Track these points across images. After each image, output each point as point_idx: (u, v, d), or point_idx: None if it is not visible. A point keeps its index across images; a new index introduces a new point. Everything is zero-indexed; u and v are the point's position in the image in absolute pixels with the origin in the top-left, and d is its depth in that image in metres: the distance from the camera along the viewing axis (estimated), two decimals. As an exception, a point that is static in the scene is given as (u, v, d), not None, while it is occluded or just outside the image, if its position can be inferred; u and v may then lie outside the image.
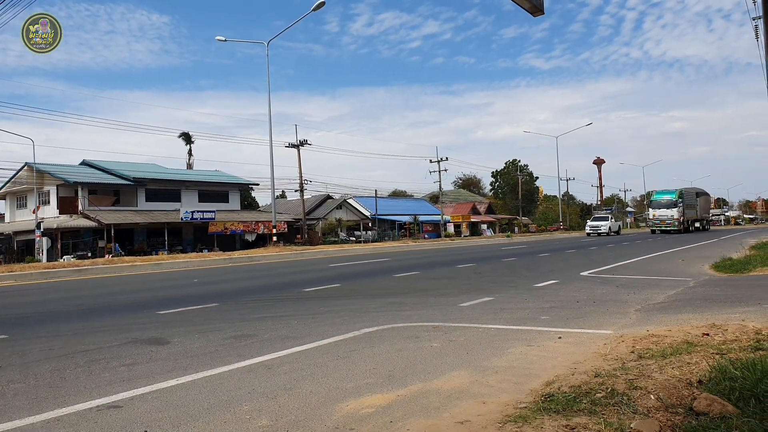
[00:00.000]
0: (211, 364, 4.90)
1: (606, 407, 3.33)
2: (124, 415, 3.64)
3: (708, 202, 59.15)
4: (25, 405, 3.91)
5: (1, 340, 6.36)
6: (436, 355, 5.05)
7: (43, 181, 39.67)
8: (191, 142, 56.28)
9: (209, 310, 8.39)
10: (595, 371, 4.12)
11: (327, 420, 3.44)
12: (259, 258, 22.59)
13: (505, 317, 7.03)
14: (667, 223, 45.39)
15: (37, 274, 16.42)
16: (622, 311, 7.31)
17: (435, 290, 10.34)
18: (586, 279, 11.60)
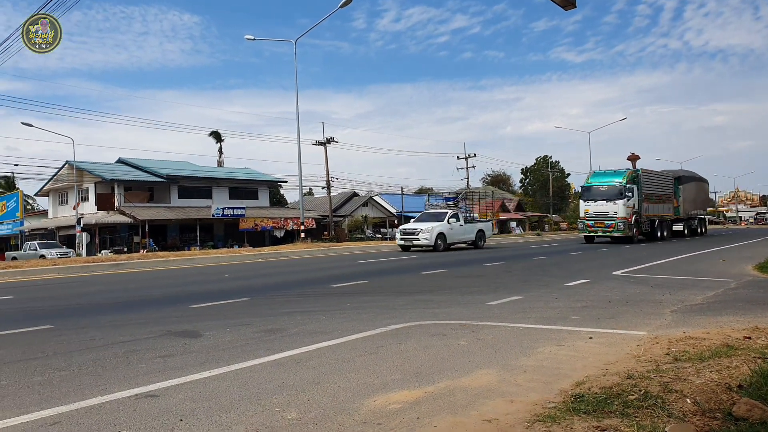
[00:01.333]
0: (242, 357, 5.00)
1: (639, 410, 3.28)
2: (160, 404, 3.75)
3: (703, 192, 37.97)
4: (70, 391, 4.07)
5: (47, 330, 6.60)
6: (464, 353, 5.05)
7: (82, 178, 40.91)
8: (221, 140, 57.19)
9: (240, 305, 8.54)
10: (628, 373, 4.07)
11: (354, 414, 3.49)
12: (287, 254, 22.86)
13: (535, 316, 6.97)
14: (607, 224, 26.23)
15: (77, 267, 16.96)
16: (657, 312, 7.17)
17: (463, 288, 10.31)
18: (618, 278, 11.40)
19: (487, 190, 56.53)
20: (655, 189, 29.19)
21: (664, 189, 30.40)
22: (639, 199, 27.08)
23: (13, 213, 37.33)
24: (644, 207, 27.54)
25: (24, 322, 7.07)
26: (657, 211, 29.25)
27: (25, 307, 9.16)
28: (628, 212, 26.19)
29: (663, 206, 30.05)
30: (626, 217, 26.09)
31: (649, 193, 28.31)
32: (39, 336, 6.29)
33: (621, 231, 26.02)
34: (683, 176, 34.22)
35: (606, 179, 27.36)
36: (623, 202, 26.06)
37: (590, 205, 27.08)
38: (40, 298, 10.49)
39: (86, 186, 42.28)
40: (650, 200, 28.35)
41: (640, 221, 27.25)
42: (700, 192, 37.22)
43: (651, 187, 28.73)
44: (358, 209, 56.02)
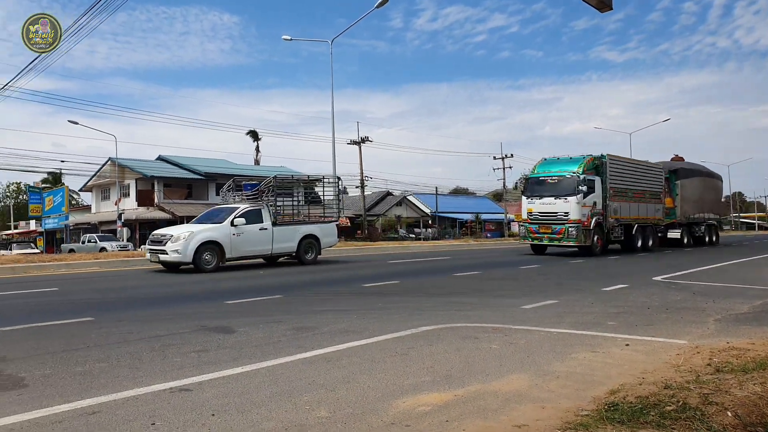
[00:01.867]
0: (273, 354, 5.06)
1: (676, 421, 3.18)
2: (193, 397, 3.83)
3: (712, 191, 29.44)
4: (108, 382, 4.20)
5: (88, 322, 6.83)
6: (495, 357, 4.99)
7: (124, 174, 42.16)
8: (258, 138, 58.03)
9: (273, 302, 8.65)
10: (666, 382, 3.95)
11: (383, 415, 3.49)
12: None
13: (569, 321, 6.84)
14: (555, 229, 19.71)
15: (118, 261, 17.48)
16: (699, 320, 6.94)
17: (496, 291, 10.20)
18: (658, 284, 11.09)
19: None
20: (632, 183, 22.16)
21: (647, 183, 23.23)
22: (603, 196, 20.22)
23: (59, 207, 38.71)
24: (613, 207, 20.64)
25: (67, 314, 7.33)
26: (636, 212, 22.15)
27: (68, 299, 9.49)
28: (584, 213, 19.30)
29: (647, 206, 23.02)
30: (580, 219, 19.13)
31: (621, 188, 21.40)
32: (81, 328, 6.51)
33: (573, 238, 19.18)
34: (682, 169, 26.62)
35: (557, 168, 20.34)
36: (576, 199, 19.13)
37: (534, 203, 20.27)
38: (82, 290, 10.85)
39: (127, 182, 43.57)
40: (623, 197, 21.40)
41: (606, 225, 20.38)
42: (708, 190, 28.62)
43: (624, 180, 21.67)
44: (391, 209, 56.09)
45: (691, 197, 26.65)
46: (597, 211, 19.97)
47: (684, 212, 26.08)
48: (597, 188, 20.06)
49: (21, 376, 4.38)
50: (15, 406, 3.64)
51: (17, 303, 8.79)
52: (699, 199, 27.36)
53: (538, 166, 21.60)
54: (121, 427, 3.27)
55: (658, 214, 24.04)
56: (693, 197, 26.79)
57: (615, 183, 21.00)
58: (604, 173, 20.57)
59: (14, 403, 3.72)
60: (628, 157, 24.74)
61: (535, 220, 20.34)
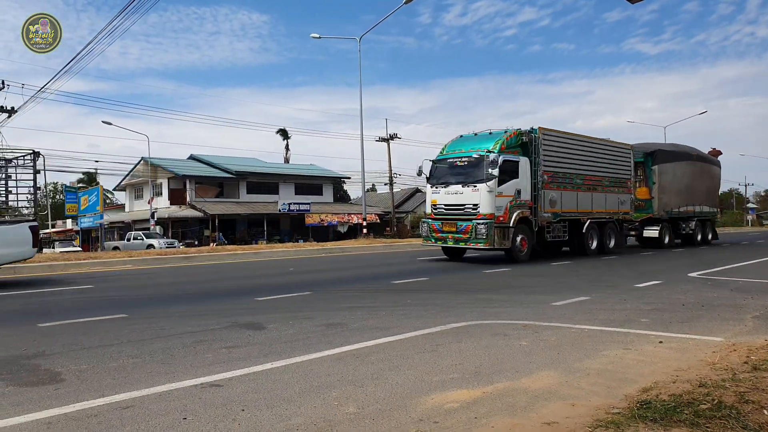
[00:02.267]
0: (303, 351, 5.11)
1: (711, 420, 3.10)
2: (224, 393, 3.89)
3: (706, 179, 24.43)
4: (141, 378, 4.30)
5: (122, 319, 7.00)
6: (525, 354, 4.94)
7: (156, 174, 43.04)
8: (288, 137, 58.58)
9: (303, 298, 8.73)
10: (700, 380, 3.85)
11: (412, 411, 3.48)
12: (350, 249, 23.14)
13: (601, 318, 6.72)
14: (460, 227, 14.90)
15: (151, 259, 17.87)
16: (736, 317, 6.74)
17: (526, 287, 10.08)
18: (694, 280, 10.81)
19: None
20: (582, 167, 17.27)
21: (607, 168, 18.40)
22: (534, 183, 15.42)
23: (93, 207, 39.78)
24: (548, 197, 15.79)
25: (101, 311, 7.52)
26: (588, 204, 17.47)
27: (103, 296, 9.74)
28: (501, 205, 14.44)
29: (605, 197, 18.25)
30: (493, 213, 14.30)
31: (563, 173, 16.45)
32: (115, 324, 6.67)
33: (482, 239, 14.23)
34: (661, 152, 21.58)
35: (469, 147, 15.45)
36: (487, 187, 14.26)
37: (439, 193, 15.45)
38: (116, 288, 11.13)
39: (160, 181, 44.47)
40: (566, 185, 16.58)
41: (537, 221, 15.51)
42: (700, 178, 23.51)
43: (567, 163, 16.63)
44: (420, 205, 55.93)
45: (675, 186, 21.82)
46: (521, 203, 15.03)
47: (664, 205, 21.29)
48: (522, 172, 15.12)
49: (58, 371, 4.52)
50: (52, 400, 3.75)
51: (54, 300, 9.07)
52: (687, 188, 22.51)
53: (449, 144, 16.30)
54: (154, 422, 3.35)
55: (625, 206, 19.27)
56: (677, 186, 21.96)
57: (552, 166, 16.07)
58: (535, 153, 15.56)
59: (51, 397, 3.84)
60: (575, 133, 17.78)
61: (440, 214, 15.50)
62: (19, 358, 4.99)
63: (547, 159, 16.01)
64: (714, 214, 25.51)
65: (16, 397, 3.86)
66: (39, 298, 9.31)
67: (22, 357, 5.04)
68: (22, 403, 3.71)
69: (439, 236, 15.54)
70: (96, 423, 3.34)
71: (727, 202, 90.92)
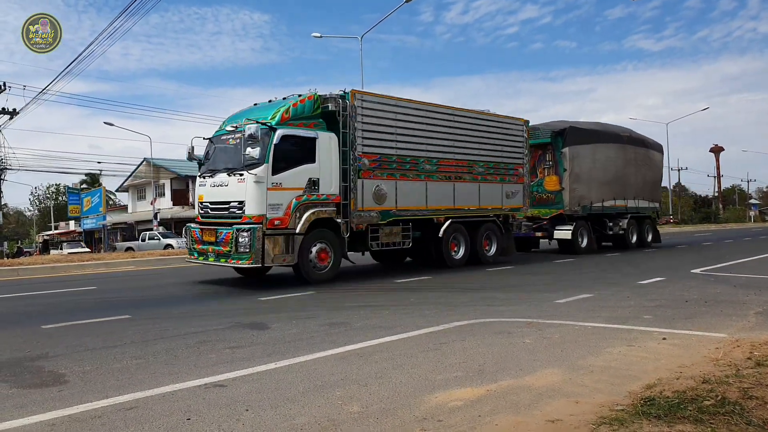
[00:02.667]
0: (306, 350, 5.11)
1: (714, 416, 3.10)
2: (227, 393, 3.90)
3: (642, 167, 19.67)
4: (145, 378, 4.31)
5: (126, 320, 7.01)
6: (528, 352, 4.93)
7: (158, 174, 43.08)
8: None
9: (306, 298, 8.73)
10: (704, 377, 3.85)
11: (415, 410, 3.48)
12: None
13: (604, 315, 6.71)
14: (221, 236, 9.81)
15: (154, 260, 17.90)
16: (740, 313, 6.73)
17: (529, 285, 10.08)
18: (697, 277, 10.79)
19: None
20: (431, 145, 12.45)
21: (482, 148, 13.64)
22: (342, 169, 10.86)
23: (96, 208, 39.81)
24: (372, 188, 11.30)
25: (105, 312, 7.54)
26: (449, 198, 12.84)
27: (106, 297, 9.76)
28: (279, 202, 9.95)
29: (478, 188, 13.50)
30: (264, 215, 9.78)
31: (398, 156, 11.81)
32: (118, 325, 6.68)
33: (244, 253, 9.67)
34: (574, 129, 16.93)
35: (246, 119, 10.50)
36: (254, 176, 9.78)
37: (205, 186, 10.98)
38: (119, 289, 11.14)
39: (162, 182, 44.53)
40: (404, 171, 11.88)
41: (350, 224, 10.93)
42: (634, 166, 19.06)
43: (403, 140, 11.93)
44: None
45: (596, 175, 17.38)
46: (319, 199, 10.39)
47: (579, 198, 16.77)
48: (322, 154, 10.43)
49: (61, 373, 4.53)
50: (56, 402, 3.76)
51: (58, 301, 9.08)
52: (616, 178, 18.16)
53: (231, 116, 11.45)
54: (158, 422, 3.35)
55: (514, 200, 14.39)
56: (600, 175, 17.52)
57: (378, 145, 11.33)
58: (347, 127, 10.77)
59: (55, 398, 3.85)
60: (421, 100, 12.51)
61: (206, 217, 10.79)
62: (23, 360, 5.00)
63: (369, 136, 11.08)
64: (655, 211, 21.07)
65: (20, 398, 3.87)
66: (42, 300, 9.33)
67: (26, 359, 5.05)
68: (26, 404, 3.72)
69: (200, 249, 10.64)
70: (100, 424, 3.34)
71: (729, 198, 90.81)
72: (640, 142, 20.03)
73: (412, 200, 12.02)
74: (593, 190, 17.43)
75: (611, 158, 18.15)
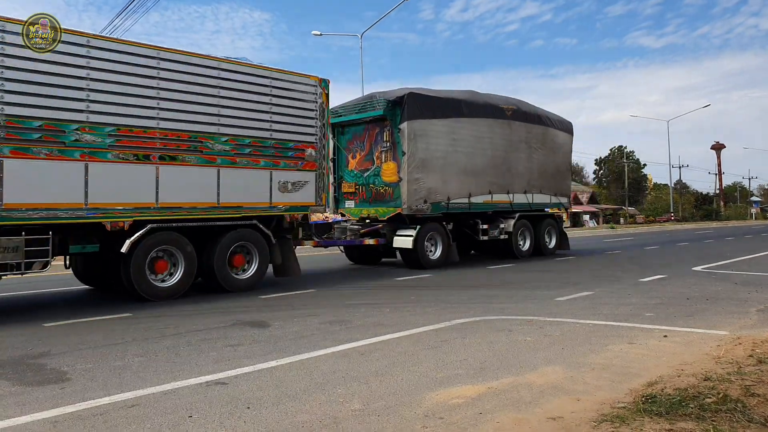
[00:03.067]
0: (307, 348, 5.11)
1: (716, 413, 3.10)
2: (229, 391, 3.90)
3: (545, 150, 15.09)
4: (147, 376, 4.31)
5: (127, 318, 7.02)
6: (530, 349, 4.94)
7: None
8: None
9: (307, 296, 8.73)
10: (705, 374, 3.85)
11: (417, 407, 3.49)
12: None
13: (605, 313, 6.71)
14: None
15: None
16: (741, 311, 6.73)
17: (530, 283, 10.07)
18: (698, 274, 10.78)
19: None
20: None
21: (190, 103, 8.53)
22: None
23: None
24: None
25: (105, 310, 7.54)
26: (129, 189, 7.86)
27: (105, 295, 9.76)
28: None
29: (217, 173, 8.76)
30: None
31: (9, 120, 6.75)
32: (119, 323, 6.69)
33: None
34: (413, 97, 12.14)
35: None
36: None
37: None
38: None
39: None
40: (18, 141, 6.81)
41: None
42: (526, 150, 14.71)
43: None
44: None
45: (454, 161, 12.70)
46: None
47: (425, 193, 12.09)
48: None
49: (64, 370, 4.53)
50: (58, 399, 3.77)
51: (60, 299, 9.09)
52: (489, 165, 13.53)
53: None
54: (160, 420, 3.36)
55: (291, 195, 9.81)
56: (460, 161, 12.82)
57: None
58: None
59: (58, 396, 3.86)
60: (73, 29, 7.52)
61: None
62: (25, 358, 5.01)
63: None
64: (562, 207, 16.07)
65: (23, 396, 3.88)
66: (44, 298, 9.35)
67: (28, 356, 5.06)
68: (29, 402, 3.73)
69: None
70: (102, 422, 3.35)
71: (730, 195, 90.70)
72: (535, 117, 15.04)
73: (48, 191, 7.20)
74: (452, 181, 12.55)
75: (484, 138, 13.34)
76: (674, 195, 71.65)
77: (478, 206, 13.42)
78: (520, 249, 14.53)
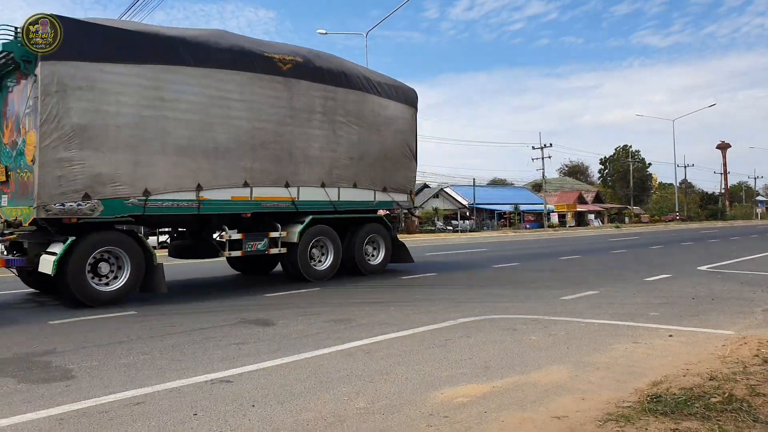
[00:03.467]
0: (312, 346, 5.12)
1: (722, 413, 3.09)
2: (234, 389, 3.91)
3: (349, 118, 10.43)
4: (152, 374, 4.33)
5: (132, 316, 7.05)
6: (534, 349, 4.93)
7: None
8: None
9: (311, 294, 8.74)
10: (711, 374, 3.83)
11: (421, 406, 3.49)
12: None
13: (610, 312, 6.70)
14: None
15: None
16: (747, 310, 6.70)
17: (535, 282, 10.06)
18: (704, 274, 10.74)
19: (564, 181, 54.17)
20: None
21: None
22: None
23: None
24: None
25: (111, 307, 7.57)
26: None
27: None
28: None
29: None
30: None
31: None
32: (124, 321, 6.72)
33: None
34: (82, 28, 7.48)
35: None
36: None
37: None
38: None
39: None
40: None
41: None
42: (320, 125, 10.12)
43: None
44: (428, 201, 55.87)
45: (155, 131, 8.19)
46: None
47: (87, 182, 7.55)
48: None
49: (69, 368, 4.56)
50: (64, 397, 3.79)
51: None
52: (250, 143, 9.27)
53: None
54: (165, 417, 3.37)
55: None
56: (172, 133, 8.37)
57: None
58: None
59: (63, 393, 3.88)
60: None
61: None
62: (31, 355, 5.04)
63: None
64: (392, 207, 11.89)
65: (28, 393, 3.90)
66: (49, 296, 9.39)
67: (34, 354, 5.09)
68: (34, 399, 3.75)
69: None
70: (107, 419, 3.36)
71: (736, 195, 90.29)
72: (340, 78, 10.58)
73: None
74: (155, 164, 8.24)
75: (232, 101, 9.03)
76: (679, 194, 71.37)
77: (219, 205, 8.98)
78: (314, 268, 10.23)
